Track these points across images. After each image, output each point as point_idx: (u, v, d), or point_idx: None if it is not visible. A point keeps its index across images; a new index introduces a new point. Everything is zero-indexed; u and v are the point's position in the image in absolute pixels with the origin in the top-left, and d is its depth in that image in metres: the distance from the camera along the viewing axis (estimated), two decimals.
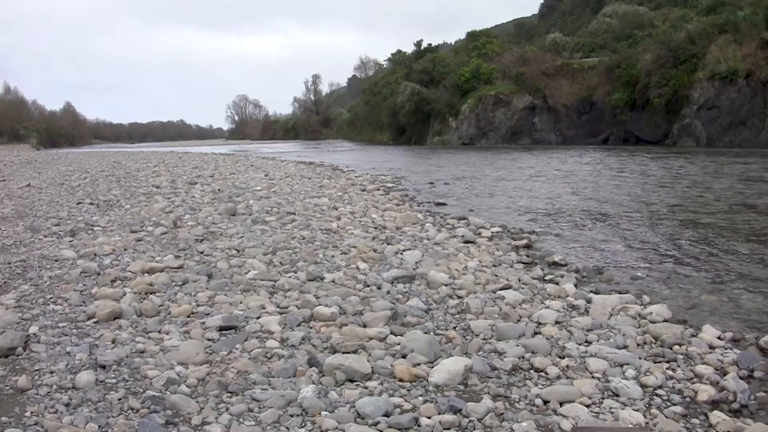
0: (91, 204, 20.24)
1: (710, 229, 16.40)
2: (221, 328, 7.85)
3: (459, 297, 9.53)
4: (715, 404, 6.28)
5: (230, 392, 6.18)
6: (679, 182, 28.12)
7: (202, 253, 12.45)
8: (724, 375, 6.90)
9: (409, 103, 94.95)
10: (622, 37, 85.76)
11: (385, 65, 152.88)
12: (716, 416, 5.96)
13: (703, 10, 77.75)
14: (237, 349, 7.26)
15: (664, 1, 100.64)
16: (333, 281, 10.32)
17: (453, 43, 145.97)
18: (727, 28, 65.35)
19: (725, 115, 62.32)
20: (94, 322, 8.11)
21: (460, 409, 5.74)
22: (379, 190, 26.20)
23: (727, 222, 17.39)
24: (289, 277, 10.47)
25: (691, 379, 6.87)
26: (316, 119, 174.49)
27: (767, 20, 64.34)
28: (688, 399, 6.39)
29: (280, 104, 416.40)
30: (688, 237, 15.41)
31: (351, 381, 6.42)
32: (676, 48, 67.74)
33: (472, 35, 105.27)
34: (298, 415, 5.69)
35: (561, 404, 6.02)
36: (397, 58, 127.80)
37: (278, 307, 8.82)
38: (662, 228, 16.73)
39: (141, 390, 6.22)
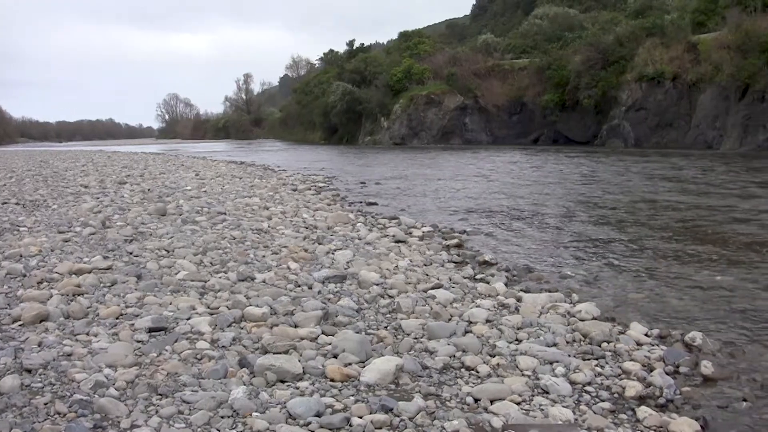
0: (17, 204, 19.89)
1: (637, 228, 16.61)
2: (151, 330, 7.76)
3: (390, 296, 9.55)
4: (642, 399, 6.39)
5: (160, 394, 6.11)
6: (607, 182, 28.45)
7: (131, 253, 12.30)
8: (651, 371, 7.02)
9: (341, 103, 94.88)
10: (553, 38, 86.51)
11: (317, 65, 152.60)
12: (643, 411, 6.06)
13: (632, 13, 78.90)
14: (167, 350, 7.18)
15: (593, 4, 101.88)
16: (264, 281, 10.27)
17: (385, 43, 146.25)
18: (655, 32, 66.35)
19: (653, 117, 63.23)
20: (20, 325, 7.95)
21: (392, 409, 5.75)
22: (310, 189, 26.16)
23: (654, 221, 17.64)
24: (220, 277, 10.40)
25: (619, 375, 6.97)
26: (248, 118, 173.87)
27: (693, 24, 65.47)
28: (616, 395, 6.48)
29: (212, 103, 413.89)
30: (616, 236, 15.60)
31: (282, 381, 6.39)
32: (605, 50, 68.62)
33: (405, 35, 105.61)
34: (229, 417, 5.65)
35: (492, 402, 6.06)
36: (330, 57, 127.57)
37: (209, 307, 8.75)
38: (590, 227, 16.92)
39: (68, 394, 6.09)
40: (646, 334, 8.24)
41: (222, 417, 5.64)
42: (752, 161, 39.19)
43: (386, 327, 8.13)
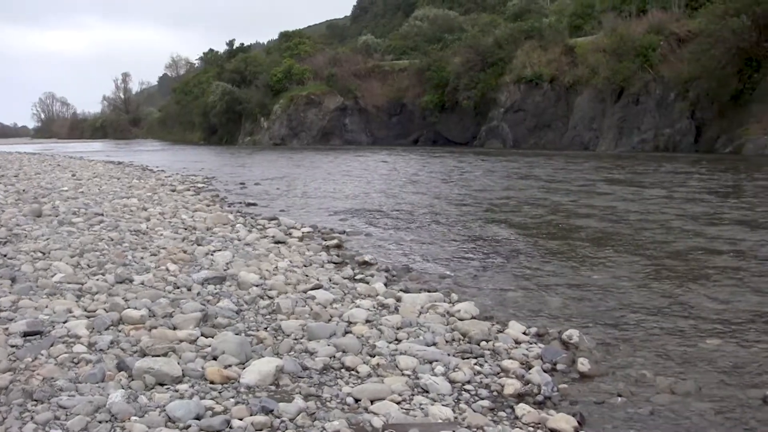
0: None
1: (515, 227, 16.84)
2: (26, 334, 7.56)
3: (270, 297, 9.49)
4: (520, 397, 6.48)
5: (35, 400, 5.94)
6: (486, 183, 28.79)
7: (5, 256, 11.96)
8: (529, 369, 7.12)
9: (221, 103, 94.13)
10: (433, 40, 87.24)
11: (196, 64, 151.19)
12: (522, 408, 6.15)
13: (511, 16, 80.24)
14: (42, 354, 7.00)
15: (473, 7, 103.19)
16: (142, 283, 10.10)
17: (266, 43, 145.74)
18: (533, 34, 67.53)
19: (531, 118, 64.31)
20: None
21: (272, 410, 5.71)
22: (189, 190, 25.89)
23: (531, 221, 17.92)
24: (97, 279, 10.19)
25: (498, 373, 7.06)
26: (126, 118, 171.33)
27: (570, 27, 66.85)
28: (495, 393, 6.55)
29: (90, 103, 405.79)
30: (494, 235, 15.79)
31: (161, 384, 6.29)
32: (484, 52, 69.48)
33: (285, 36, 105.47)
34: (107, 421, 5.53)
35: (372, 402, 6.06)
36: (209, 57, 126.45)
37: (86, 310, 8.56)
38: (469, 227, 17.09)
39: None
40: (524, 333, 8.37)
41: (100, 422, 5.52)
42: (626, 162, 40.10)
43: (266, 328, 8.07)
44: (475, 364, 7.26)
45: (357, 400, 6.12)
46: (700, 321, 8.95)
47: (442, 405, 6.11)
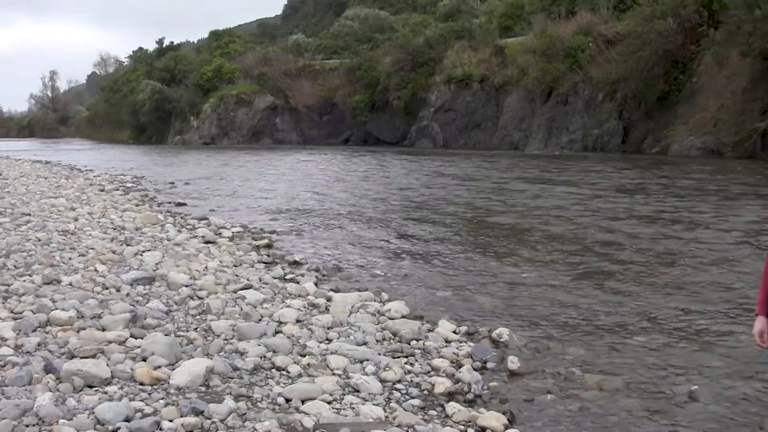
0: None
1: (445, 227, 16.93)
2: None
3: (200, 298, 9.43)
4: (451, 396, 6.52)
5: None
6: (416, 182, 28.90)
7: None
8: (460, 367, 7.17)
9: (150, 102, 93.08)
10: (364, 40, 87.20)
11: (126, 62, 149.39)
12: (452, 407, 6.19)
13: (441, 16, 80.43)
14: None
15: (404, 7, 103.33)
16: (70, 284, 9.97)
17: (196, 41, 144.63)
18: (463, 35, 67.77)
19: (461, 118, 64.57)
20: None
21: (203, 411, 5.67)
22: (118, 190, 25.66)
23: (460, 220, 18.03)
24: (24, 280, 10.03)
25: (429, 372, 7.10)
26: (54, 117, 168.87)
27: (501, 28, 67.27)
28: (425, 392, 6.59)
29: (16, 101, 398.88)
30: (425, 235, 15.86)
31: (90, 387, 6.21)
32: (415, 52, 69.59)
33: (215, 34, 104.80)
34: (34, 425, 5.44)
35: (303, 402, 6.06)
36: (139, 55, 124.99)
37: (12, 312, 8.43)
38: (400, 226, 17.15)
39: None
40: (454, 332, 8.42)
41: (27, 426, 5.43)
42: (554, 161, 40.46)
43: (196, 329, 8.03)
44: (406, 363, 7.29)
45: (288, 400, 6.11)
46: (627, 318, 9.09)
47: (373, 404, 6.13)
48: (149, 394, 6.09)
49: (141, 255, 12.28)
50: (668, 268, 12.08)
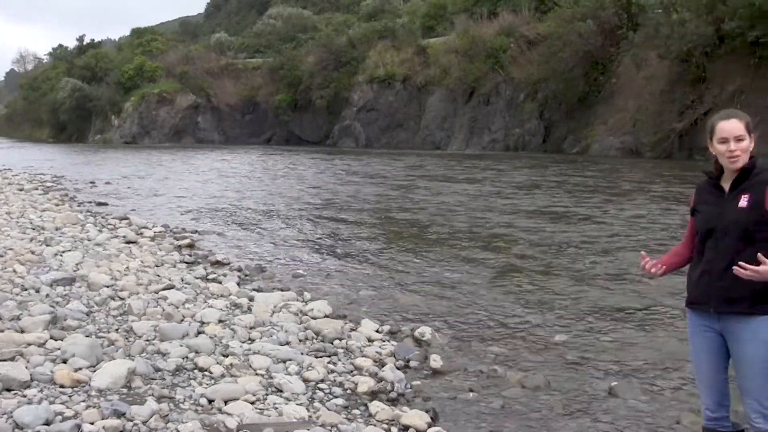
0: None
1: (368, 227, 16.98)
2: None
3: (121, 298, 9.33)
4: (374, 395, 6.53)
5: None
6: (337, 182, 28.95)
7: None
8: (383, 366, 7.19)
9: (70, 100, 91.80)
10: (287, 39, 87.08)
11: (46, 60, 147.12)
12: (376, 406, 6.20)
13: (364, 16, 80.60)
14: None
15: (327, 6, 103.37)
16: None
17: (117, 39, 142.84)
18: (386, 35, 68.02)
19: (383, 118, 64.81)
20: None
21: (124, 413, 5.62)
22: (37, 189, 25.26)
23: (382, 220, 18.11)
24: None
25: (352, 371, 7.10)
26: None
27: (423, 28, 67.58)
28: (349, 391, 6.59)
29: None
30: (347, 235, 15.89)
31: (8, 390, 6.11)
32: (337, 51, 69.72)
33: (137, 32, 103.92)
34: None
35: (226, 402, 6.02)
36: (59, 52, 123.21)
37: None
38: (322, 226, 17.16)
39: None
40: (377, 331, 8.45)
41: None
42: (475, 161, 40.75)
43: (117, 329, 7.94)
44: (329, 362, 7.29)
45: (211, 401, 6.07)
46: (546, 316, 9.21)
47: (297, 404, 6.12)
48: (70, 396, 6.01)
49: (61, 255, 12.11)
50: (587, 266, 12.26)
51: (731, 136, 4.47)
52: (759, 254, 4.28)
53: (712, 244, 4.59)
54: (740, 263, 4.34)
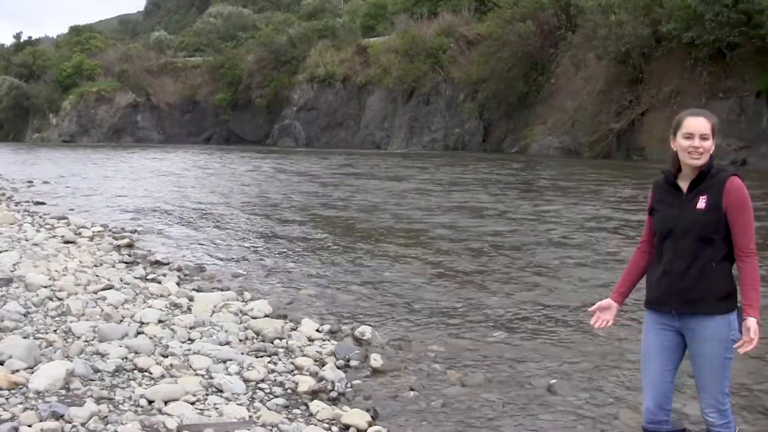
0: None
1: (307, 226, 16.98)
2: None
3: (59, 299, 9.23)
4: (315, 394, 6.54)
5: None
6: (276, 181, 28.93)
7: None
8: (323, 366, 7.20)
9: (7, 98, 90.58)
10: (227, 37, 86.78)
11: None
12: (316, 405, 6.21)
13: (305, 15, 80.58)
14: None
15: (267, 5, 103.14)
16: None
17: (55, 37, 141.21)
18: (327, 34, 68.06)
19: (323, 117, 64.86)
20: None
21: (63, 415, 5.57)
22: None
23: (322, 219, 18.12)
24: None
25: (292, 371, 7.11)
26: None
27: (364, 28, 67.64)
28: (289, 391, 6.59)
29: None
30: (287, 234, 15.87)
31: None
32: (278, 51, 69.63)
33: (75, 30, 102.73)
34: None
35: (166, 403, 5.99)
36: None
37: None
38: (262, 226, 17.13)
39: None
40: (317, 330, 8.46)
41: None
42: (416, 160, 40.90)
43: (56, 330, 7.87)
44: (269, 362, 7.29)
45: (150, 402, 6.04)
46: (487, 314, 9.29)
47: (237, 404, 6.11)
48: (7, 398, 5.94)
49: None
50: (526, 264, 12.37)
51: (697, 132, 4.54)
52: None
53: (671, 245, 4.67)
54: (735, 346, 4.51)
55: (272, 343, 7.85)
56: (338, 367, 7.23)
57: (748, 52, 37.08)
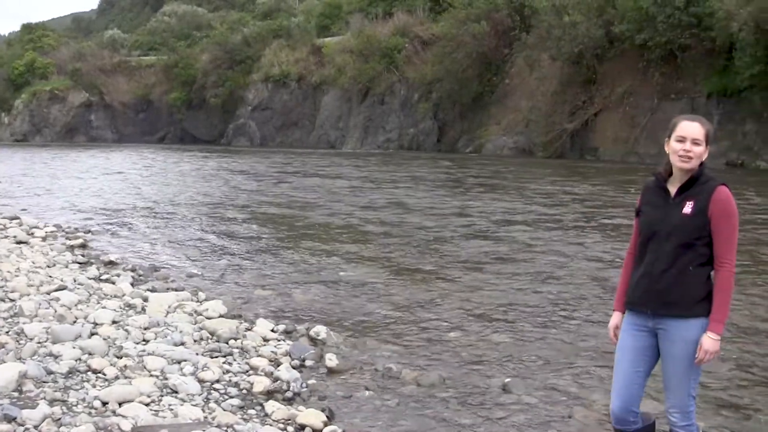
0: None
1: (262, 226, 16.95)
2: None
3: (12, 300, 9.15)
4: (270, 394, 6.53)
5: None
6: (230, 181, 28.84)
7: None
8: (278, 366, 7.20)
9: None
10: (181, 36, 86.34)
11: None
12: (272, 405, 6.21)
13: (260, 14, 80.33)
14: None
15: (222, 4, 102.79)
16: None
17: (7, 35, 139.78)
18: (281, 34, 67.92)
19: (278, 117, 64.77)
20: None
21: (15, 417, 5.52)
22: None
23: (277, 219, 18.10)
24: None
25: (247, 371, 7.09)
26: None
27: (318, 27, 67.61)
28: (244, 391, 6.58)
29: None
30: (242, 234, 15.84)
31: None
32: (232, 50, 69.42)
33: (27, 28, 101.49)
34: None
35: (120, 405, 5.95)
36: None
37: None
38: (216, 225, 17.08)
39: None
40: (272, 330, 8.45)
41: None
42: (368, 159, 40.95)
43: (8, 332, 7.79)
44: (224, 362, 7.26)
45: (105, 403, 6.00)
46: (442, 314, 9.33)
47: (192, 405, 6.09)
48: None
49: None
50: (480, 263, 12.43)
51: (690, 137, 4.58)
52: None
53: (654, 247, 4.72)
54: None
55: (227, 343, 7.83)
56: (293, 367, 7.23)
57: (698, 54, 37.63)
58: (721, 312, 4.58)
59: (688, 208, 4.59)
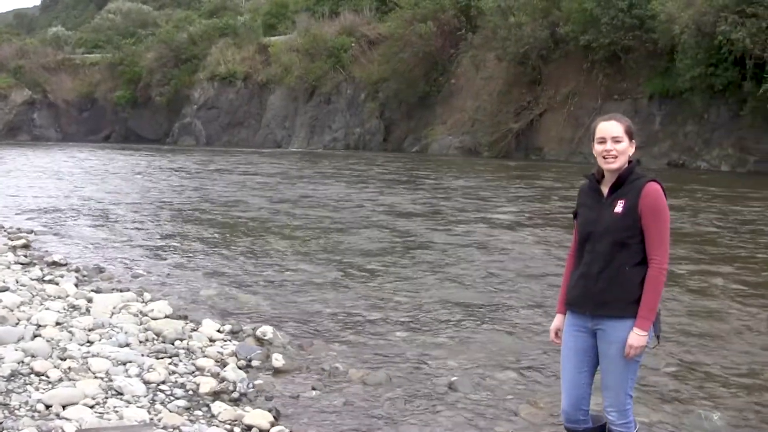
0: None
1: (207, 225, 16.89)
2: None
3: None
4: (216, 395, 6.53)
5: None
6: (176, 181, 28.67)
7: None
8: (224, 366, 7.19)
9: None
10: (126, 34, 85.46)
11: None
12: (218, 406, 6.20)
13: (206, 13, 79.84)
14: None
15: (168, 2, 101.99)
16: None
17: None
18: (228, 32, 67.60)
19: (224, 116, 64.43)
20: None
21: None
22: None
23: (223, 219, 18.04)
24: None
25: (193, 372, 7.07)
26: None
27: (265, 26, 67.42)
28: (191, 392, 6.57)
29: None
30: (187, 234, 15.77)
31: None
32: (178, 48, 68.89)
33: None
34: None
35: (64, 407, 5.91)
36: None
37: None
38: (162, 225, 17.00)
39: None
40: (218, 330, 8.43)
41: None
42: (313, 158, 40.95)
43: None
44: (170, 363, 7.24)
45: (48, 407, 5.94)
46: (388, 313, 9.37)
47: (137, 407, 6.06)
48: None
49: None
50: (426, 262, 12.49)
51: (609, 136, 4.65)
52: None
53: (590, 248, 4.79)
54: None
55: (173, 344, 7.79)
56: (240, 368, 7.22)
57: (641, 56, 38.05)
58: (648, 308, 4.64)
59: (619, 207, 4.66)
